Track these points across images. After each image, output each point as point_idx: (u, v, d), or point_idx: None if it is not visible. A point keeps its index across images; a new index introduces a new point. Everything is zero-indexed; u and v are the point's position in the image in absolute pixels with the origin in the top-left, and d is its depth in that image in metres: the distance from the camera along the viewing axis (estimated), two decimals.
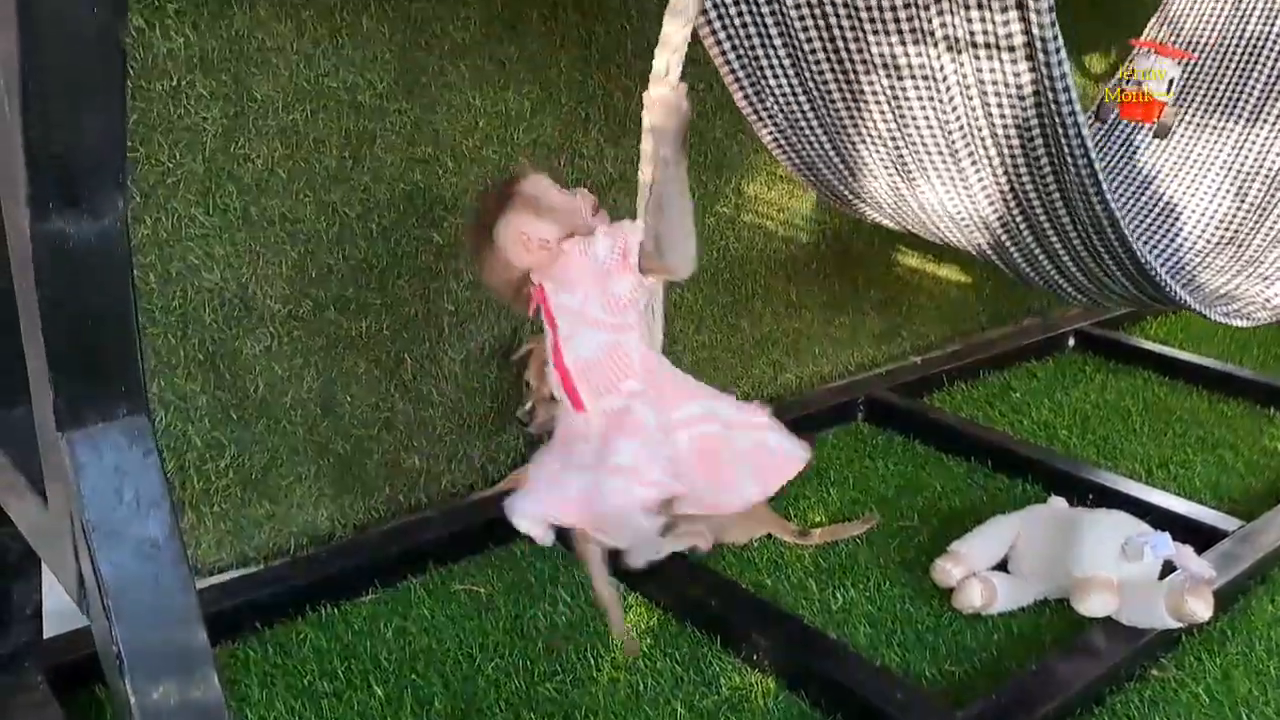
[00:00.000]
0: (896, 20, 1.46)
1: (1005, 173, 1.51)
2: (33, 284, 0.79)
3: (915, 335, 3.07)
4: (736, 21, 1.77)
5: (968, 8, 1.34)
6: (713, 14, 1.77)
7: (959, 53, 1.39)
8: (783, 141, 1.90)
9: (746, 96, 1.87)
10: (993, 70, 1.38)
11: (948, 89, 1.46)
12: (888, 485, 2.23)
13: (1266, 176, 2.19)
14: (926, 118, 1.52)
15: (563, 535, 1.72)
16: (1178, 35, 2.52)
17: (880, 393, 2.59)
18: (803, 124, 1.86)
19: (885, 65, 1.52)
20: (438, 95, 2.02)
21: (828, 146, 1.85)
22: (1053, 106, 1.36)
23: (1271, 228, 2.12)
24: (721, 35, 1.79)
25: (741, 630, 1.68)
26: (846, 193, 1.90)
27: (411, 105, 1.98)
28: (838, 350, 2.87)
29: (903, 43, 1.46)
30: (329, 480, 1.95)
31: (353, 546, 1.92)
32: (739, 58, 1.81)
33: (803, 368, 2.78)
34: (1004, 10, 1.30)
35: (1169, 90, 2.00)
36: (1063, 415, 2.58)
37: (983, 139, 1.48)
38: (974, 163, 1.57)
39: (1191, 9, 2.51)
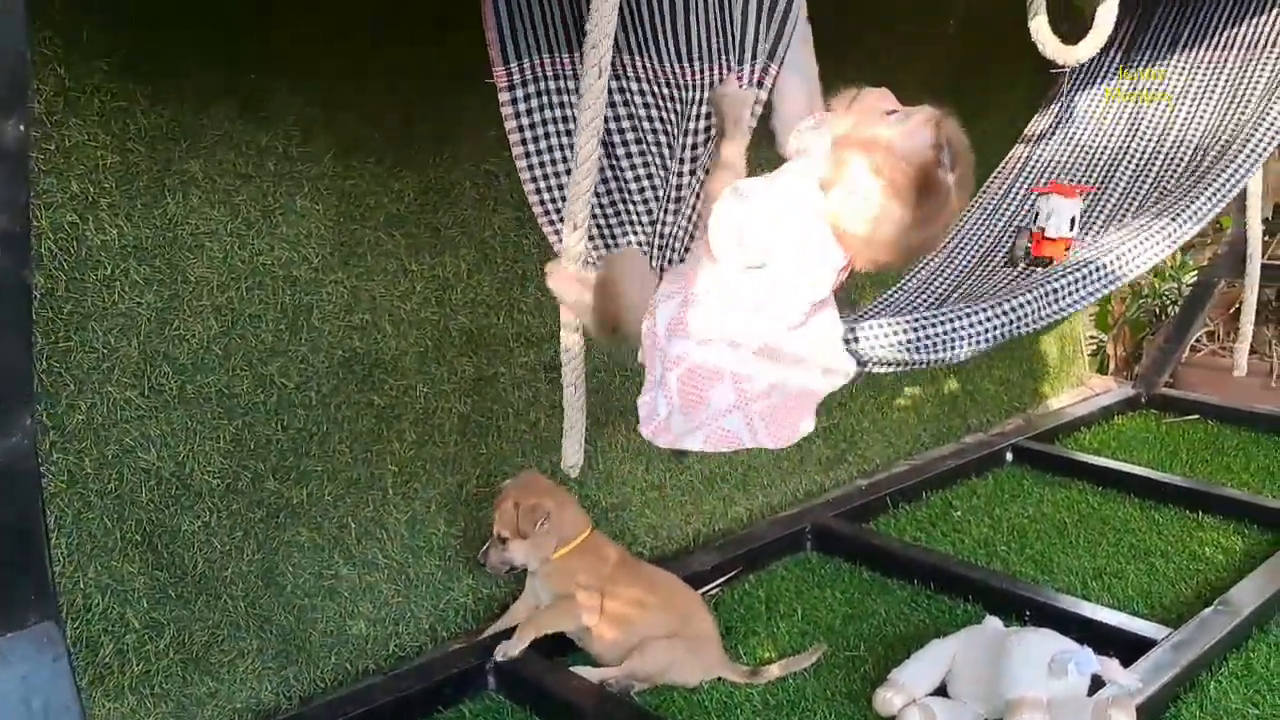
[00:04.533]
0: None
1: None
2: None
3: (860, 459, 3.13)
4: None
5: None
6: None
7: None
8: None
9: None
10: None
11: None
12: (835, 614, 2.25)
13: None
14: None
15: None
16: (1049, 150, 2.65)
17: (827, 520, 2.63)
18: None
19: None
20: (374, 264, 2.09)
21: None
22: None
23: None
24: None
25: None
26: None
27: (348, 275, 2.06)
28: (786, 480, 2.92)
29: None
30: (272, 653, 1.94)
31: None
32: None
33: (752, 500, 2.82)
34: None
35: (1073, 228, 2.12)
36: (1002, 532, 2.63)
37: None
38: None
39: (1063, 129, 2.66)
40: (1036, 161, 2.64)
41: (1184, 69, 2.56)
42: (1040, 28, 2.17)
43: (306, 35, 1.91)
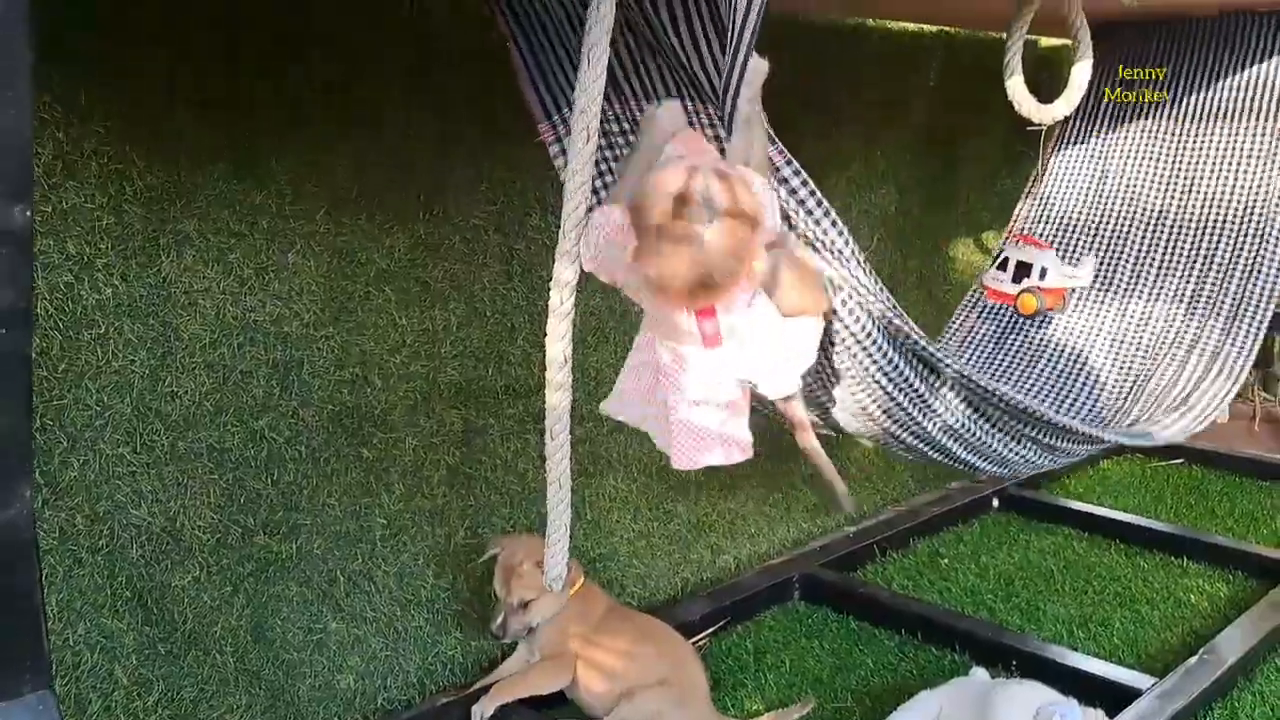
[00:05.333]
0: None
1: (882, 390, 1.63)
2: None
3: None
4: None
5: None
6: None
7: None
8: None
9: None
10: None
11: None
12: (822, 665, 2.26)
13: (1145, 348, 2.35)
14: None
15: None
16: (1048, 217, 2.72)
17: (815, 569, 2.64)
18: None
19: None
20: (364, 318, 2.12)
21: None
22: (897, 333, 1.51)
23: (1157, 385, 2.26)
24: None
25: None
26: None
27: (339, 330, 2.08)
28: (773, 527, 2.94)
29: None
30: (261, 708, 1.94)
31: None
32: None
33: (740, 548, 2.83)
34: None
35: (1042, 278, 2.17)
36: (989, 579, 2.65)
37: (859, 363, 1.60)
38: (858, 383, 1.69)
39: (1059, 193, 2.73)
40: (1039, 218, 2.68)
41: (1169, 136, 2.62)
42: (1016, 87, 2.23)
43: (298, 95, 1.95)
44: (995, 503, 3.17)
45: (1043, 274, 2.20)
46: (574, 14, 1.60)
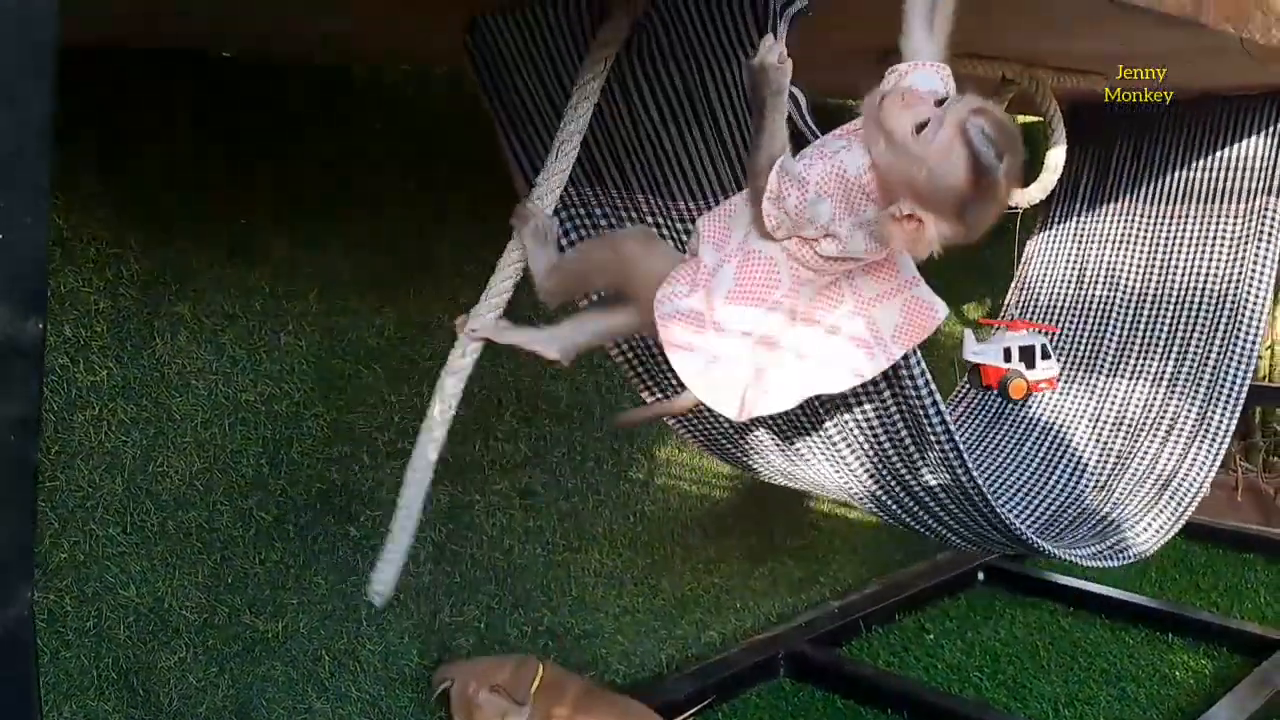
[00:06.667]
0: None
1: (877, 455, 1.66)
2: None
3: (834, 580, 3.16)
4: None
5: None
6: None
7: None
8: (686, 423, 2.04)
9: (647, 387, 2.02)
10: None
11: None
12: None
13: (1128, 427, 2.39)
14: (802, 412, 1.68)
15: None
16: (1034, 301, 2.78)
17: (800, 646, 2.64)
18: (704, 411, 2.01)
19: None
20: (354, 396, 2.15)
21: (725, 426, 2.00)
22: (913, 400, 1.53)
23: (1133, 475, 2.30)
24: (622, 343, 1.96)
25: None
26: (748, 463, 2.04)
27: (328, 409, 2.11)
28: (759, 602, 2.94)
29: None
30: None
31: None
32: (630, 349, 1.98)
33: (725, 624, 2.83)
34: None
35: (1006, 360, 2.22)
36: (974, 655, 2.65)
37: (852, 431, 1.63)
38: (850, 447, 1.72)
39: (1043, 276, 2.79)
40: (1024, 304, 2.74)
41: (1145, 218, 2.69)
42: None
43: (295, 176, 2.00)
44: (981, 576, 3.19)
45: (1031, 360, 2.25)
46: (555, 96, 1.66)
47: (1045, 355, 2.26)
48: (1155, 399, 2.41)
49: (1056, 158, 2.36)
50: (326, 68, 2.05)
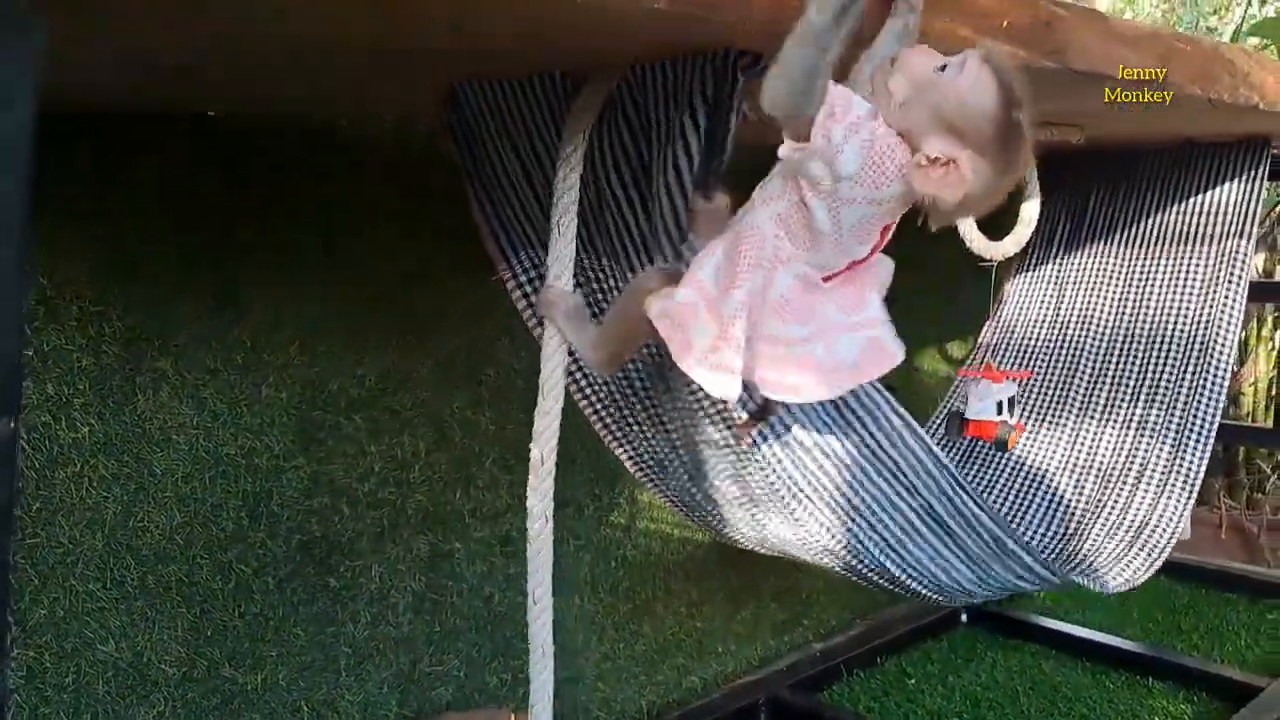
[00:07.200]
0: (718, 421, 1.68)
1: (834, 519, 1.69)
2: None
3: (817, 622, 3.17)
4: (600, 389, 1.98)
5: None
6: (581, 381, 1.98)
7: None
8: (657, 484, 2.07)
9: (618, 442, 2.05)
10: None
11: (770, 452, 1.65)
12: None
13: (1098, 472, 2.42)
14: (762, 475, 1.70)
15: None
16: (1011, 343, 2.82)
17: (781, 691, 2.66)
18: (669, 468, 2.03)
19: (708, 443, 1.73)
20: (334, 447, 2.17)
21: (692, 488, 2.02)
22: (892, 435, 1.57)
23: (1107, 519, 2.33)
24: (592, 398, 1.99)
25: None
26: (716, 524, 2.06)
27: (309, 460, 2.13)
28: (741, 646, 2.95)
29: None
30: None
31: None
32: (608, 412, 2.01)
33: (706, 669, 2.84)
34: None
35: (999, 412, 2.26)
36: (954, 701, 2.67)
37: (807, 494, 1.66)
38: (807, 511, 1.74)
39: (1019, 318, 2.83)
40: (996, 349, 2.78)
41: (1119, 261, 2.73)
42: (968, 226, 2.34)
43: (275, 230, 2.03)
44: (964, 617, 3.20)
45: (1012, 409, 2.29)
46: (529, 164, 1.70)
47: (1013, 403, 2.30)
48: (1125, 442, 2.44)
49: (1030, 211, 2.41)
50: (308, 121, 2.08)
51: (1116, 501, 2.37)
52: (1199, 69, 1.86)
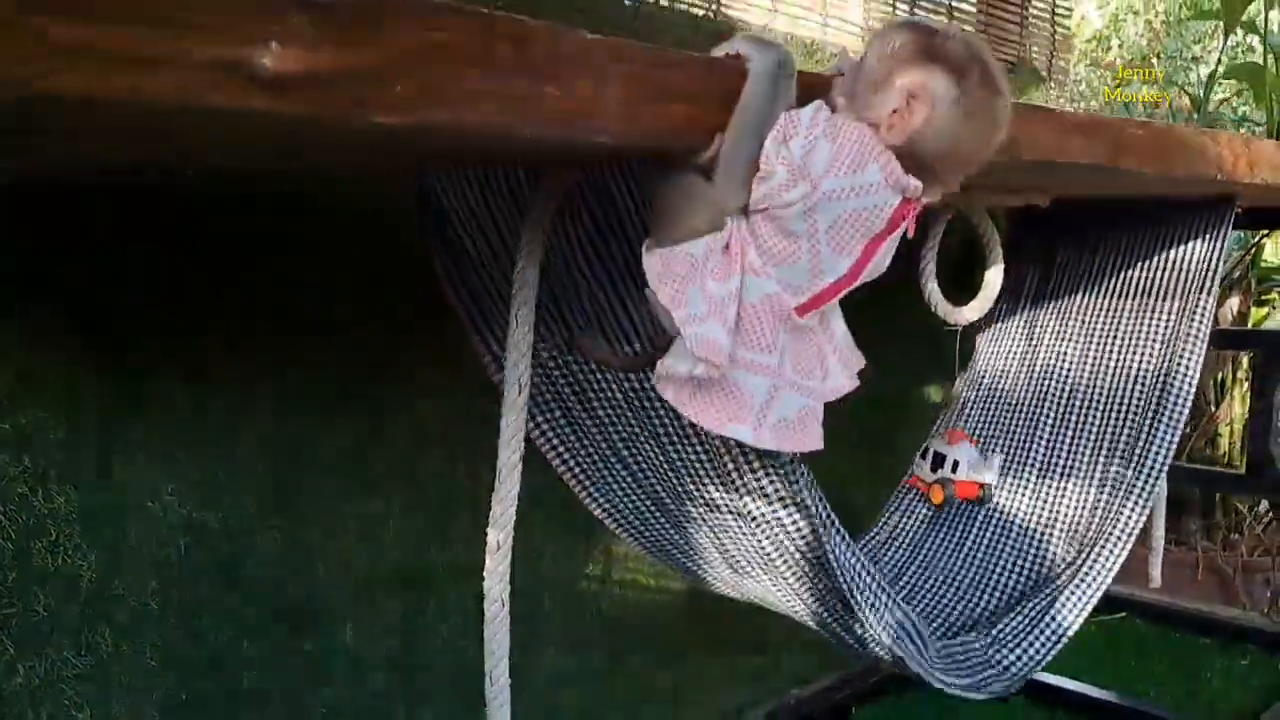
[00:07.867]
0: (699, 473, 1.72)
1: (811, 578, 1.73)
2: None
3: (792, 673, 3.20)
4: (576, 446, 2.03)
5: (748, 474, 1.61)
6: (550, 434, 2.03)
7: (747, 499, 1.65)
8: (635, 534, 2.11)
9: (594, 499, 2.09)
10: (775, 513, 1.64)
11: (750, 521, 1.70)
12: None
13: (1063, 528, 2.46)
14: (744, 537, 1.75)
15: None
16: (979, 387, 2.86)
17: None
18: (649, 518, 2.08)
19: (703, 501, 1.78)
20: (308, 510, 2.21)
21: (674, 535, 2.07)
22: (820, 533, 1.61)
23: (1084, 574, 2.36)
24: (563, 453, 2.04)
25: None
26: (698, 574, 2.11)
27: (284, 522, 2.17)
28: (714, 697, 2.99)
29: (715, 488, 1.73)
30: None
31: None
32: (581, 471, 2.05)
33: None
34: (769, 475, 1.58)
35: (954, 471, 2.30)
36: None
37: (790, 552, 1.71)
38: (789, 566, 1.79)
39: (989, 364, 2.88)
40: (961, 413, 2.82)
41: (1084, 314, 2.78)
42: (932, 291, 2.40)
43: (245, 297, 2.08)
44: None
45: (954, 467, 2.33)
46: (496, 247, 1.76)
47: (955, 468, 2.34)
48: (1086, 496, 2.48)
49: (994, 278, 2.47)
50: (280, 186, 2.12)
51: (1071, 547, 2.41)
52: (1151, 154, 1.92)
